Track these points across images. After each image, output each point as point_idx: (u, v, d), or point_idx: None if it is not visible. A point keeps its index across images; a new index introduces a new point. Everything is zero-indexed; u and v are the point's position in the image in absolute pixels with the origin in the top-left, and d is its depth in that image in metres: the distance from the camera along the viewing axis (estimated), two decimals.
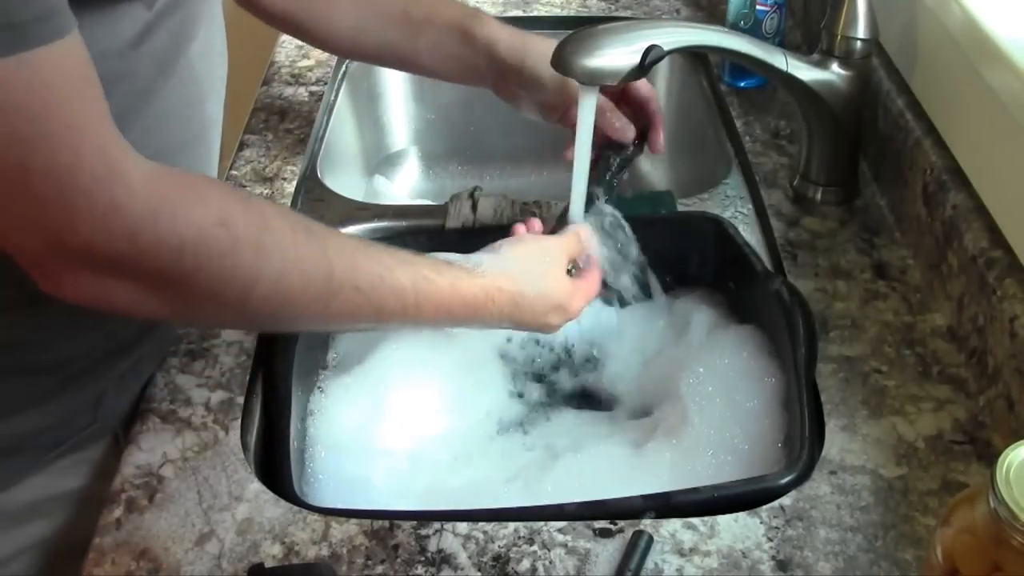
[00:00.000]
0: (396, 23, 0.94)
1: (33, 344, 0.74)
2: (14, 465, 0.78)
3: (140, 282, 0.61)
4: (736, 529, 0.69)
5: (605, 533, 0.70)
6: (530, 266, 0.80)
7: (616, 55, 0.81)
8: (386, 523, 0.71)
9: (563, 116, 0.94)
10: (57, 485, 0.81)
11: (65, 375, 0.77)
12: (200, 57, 0.77)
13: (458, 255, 0.78)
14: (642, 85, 0.93)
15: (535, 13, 1.37)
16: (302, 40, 1.02)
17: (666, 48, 0.82)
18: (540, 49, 0.90)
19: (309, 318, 0.70)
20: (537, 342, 0.96)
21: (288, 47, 1.31)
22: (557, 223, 0.89)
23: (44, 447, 0.79)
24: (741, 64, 1.07)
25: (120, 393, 0.82)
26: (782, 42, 1.19)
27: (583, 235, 0.86)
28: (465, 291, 0.75)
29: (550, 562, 0.68)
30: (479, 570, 0.68)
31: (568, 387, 0.95)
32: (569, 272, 0.83)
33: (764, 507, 0.71)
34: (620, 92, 0.94)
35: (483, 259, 0.78)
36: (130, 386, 0.83)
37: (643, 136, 0.94)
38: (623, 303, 0.95)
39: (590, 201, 0.89)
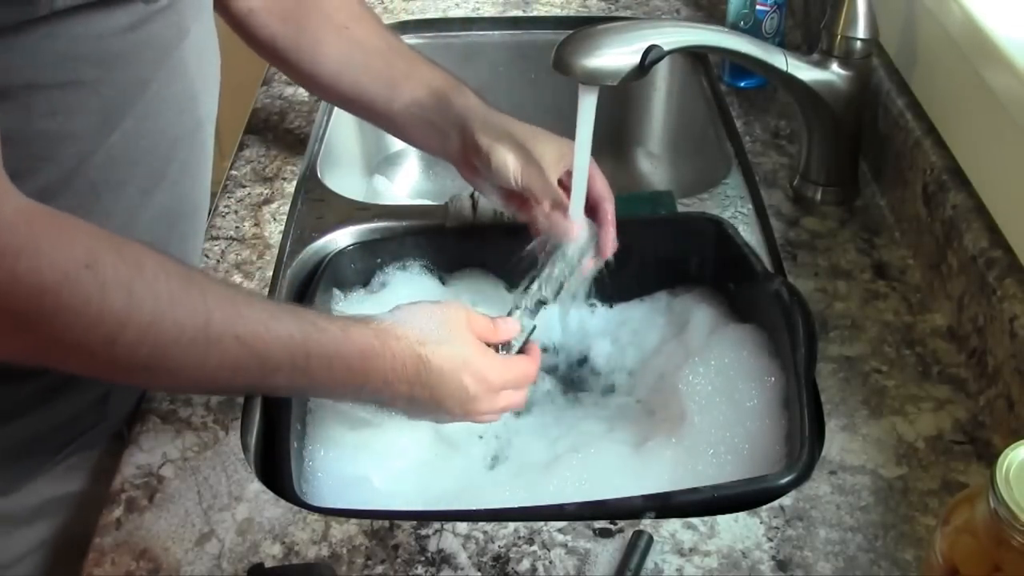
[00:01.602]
0: (377, 75, 0.94)
1: None
2: (22, 467, 0.78)
3: None
4: (736, 529, 0.69)
5: (605, 533, 0.70)
6: (433, 322, 0.74)
7: (616, 55, 0.81)
8: (386, 523, 0.71)
9: (521, 206, 0.90)
10: (64, 486, 0.81)
11: (68, 375, 0.77)
12: (194, 54, 0.77)
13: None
14: (597, 182, 0.89)
15: (535, 13, 1.37)
16: (285, 73, 1.01)
17: (666, 48, 0.82)
18: (515, 133, 0.88)
19: (186, 371, 0.65)
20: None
21: None
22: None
23: (51, 448, 0.79)
24: (741, 64, 1.07)
25: (126, 392, 0.82)
26: (782, 42, 1.19)
27: (503, 327, 0.80)
28: (357, 337, 0.70)
29: (550, 562, 0.68)
30: (479, 570, 0.68)
31: (568, 387, 0.95)
32: (497, 350, 0.79)
33: (764, 507, 0.71)
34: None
35: (378, 314, 0.75)
36: (135, 386, 0.82)
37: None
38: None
39: (541, 304, 0.86)
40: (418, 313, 0.75)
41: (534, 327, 0.84)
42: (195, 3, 0.76)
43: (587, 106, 0.82)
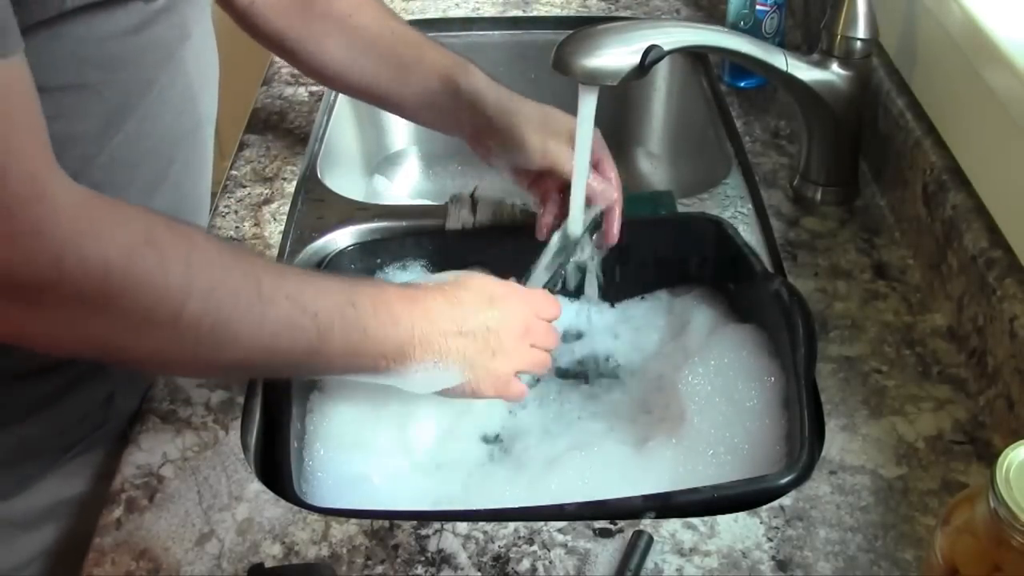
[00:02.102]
0: (386, 63, 0.94)
1: None
2: (26, 470, 0.78)
3: (65, 310, 0.60)
4: (736, 529, 0.69)
5: (605, 533, 0.70)
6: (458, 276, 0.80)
7: (616, 55, 0.81)
8: (386, 523, 0.71)
9: (533, 182, 0.93)
10: (69, 489, 0.81)
11: (74, 375, 0.77)
12: (194, 54, 0.77)
13: None
14: (605, 163, 0.91)
15: (535, 13, 1.37)
16: (293, 65, 1.01)
17: (666, 48, 0.82)
18: (528, 113, 0.89)
19: (248, 338, 0.67)
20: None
21: None
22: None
23: (56, 450, 0.79)
24: (741, 64, 1.07)
25: (129, 393, 0.82)
26: (782, 42, 1.19)
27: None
28: (397, 286, 0.76)
29: (550, 562, 0.68)
30: (479, 570, 0.68)
31: (568, 387, 0.95)
32: None
33: (764, 507, 0.71)
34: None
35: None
36: (139, 385, 0.82)
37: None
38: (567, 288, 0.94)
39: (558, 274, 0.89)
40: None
41: None
42: (196, 4, 0.77)
43: (587, 106, 0.82)
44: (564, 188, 0.88)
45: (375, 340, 0.72)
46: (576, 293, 0.95)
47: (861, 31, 0.94)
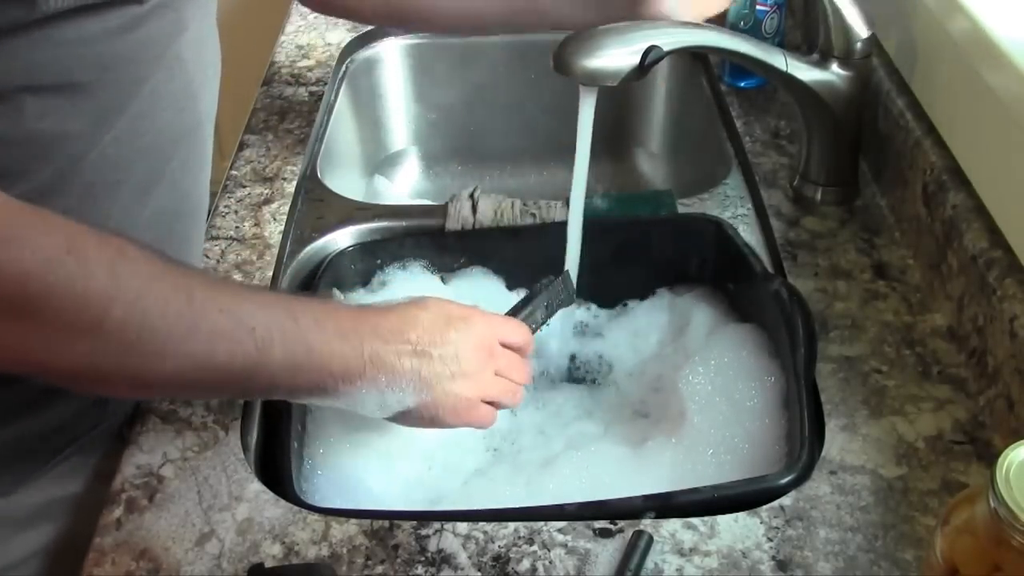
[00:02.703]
0: None
1: None
2: (22, 469, 0.78)
3: None
4: (736, 529, 0.69)
5: (605, 533, 0.70)
6: (438, 309, 0.75)
7: (616, 55, 0.81)
8: (386, 523, 0.71)
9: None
10: (64, 488, 0.81)
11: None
12: (192, 52, 0.77)
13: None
14: None
15: None
16: (401, 27, 1.00)
17: (666, 48, 0.82)
18: None
19: (179, 349, 0.63)
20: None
21: (288, 47, 1.31)
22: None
23: (51, 450, 0.79)
24: (741, 64, 1.07)
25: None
26: (782, 42, 1.19)
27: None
28: (347, 305, 0.72)
29: (550, 562, 0.68)
30: (479, 570, 0.68)
31: (568, 387, 0.95)
32: None
33: (764, 507, 0.71)
34: None
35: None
36: None
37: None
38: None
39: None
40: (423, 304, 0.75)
41: None
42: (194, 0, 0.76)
43: (587, 107, 0.82)
44: None
45: (320, 355, 0.68)
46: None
47: (861, 31, 0.94)
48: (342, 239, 1.00)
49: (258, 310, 0.66)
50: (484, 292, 0.97)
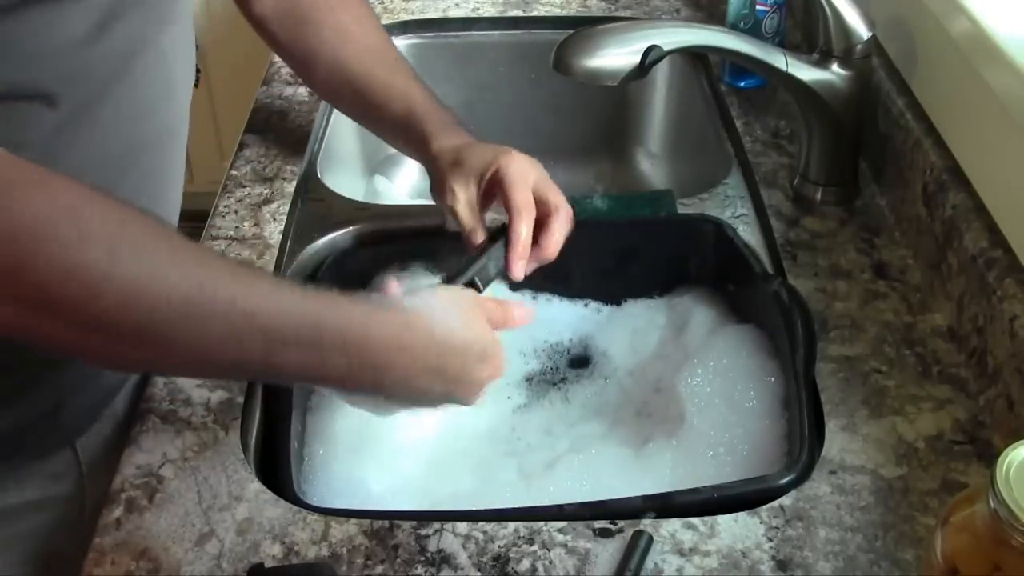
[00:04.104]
0: (357, 101, 0.93)
1: None
2: None
3: None
4: (736, 529, 0.69)
5: (605, 533, 0.70)
6: (450, 305, 0.70)
7: (616, 55, 0.81)
8: (386, 523, 0.71)
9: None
10: (17, 496, 0.79)
11: (20, 377, 0.75)
12: (160, 60, 0.75)
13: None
14: (547, 194, 0.82)
15: (535, 13, 1.37)
16: (289, 65, 1.01)
17: (666, 48, 0.82)
18: (474, 159, 0.83)
19: (183, 341, 0.59)
20: (536, 351, 0.96)
21: None
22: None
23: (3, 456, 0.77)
24: (741, 64, 1.07)
25: (79, 406, 0.80)
26: (782, 42, 1.19)
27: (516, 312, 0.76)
28: (381, 319, 0.65)
29: (550, 562, 0.68)
30: (479, 570, 0.68)
31: (568, 388, 0.95)
32: None
33: (764, 507, 0.71)
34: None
35: (388, 295, 0.70)
36: (90, 396, 0.81)
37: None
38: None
39: (471, 286, 0.79)
40: (437, 296, 0.71)
41: None
42: (158, 13, 0.74)
43: None
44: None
45: (339, 375, 0.65)
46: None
47: (861, 31, 0.94)
48: (342, 239, 1.00)
49: (278, 312, 0.61)
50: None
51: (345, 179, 1.19)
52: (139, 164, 0.76)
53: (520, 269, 0.80)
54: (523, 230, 0.79)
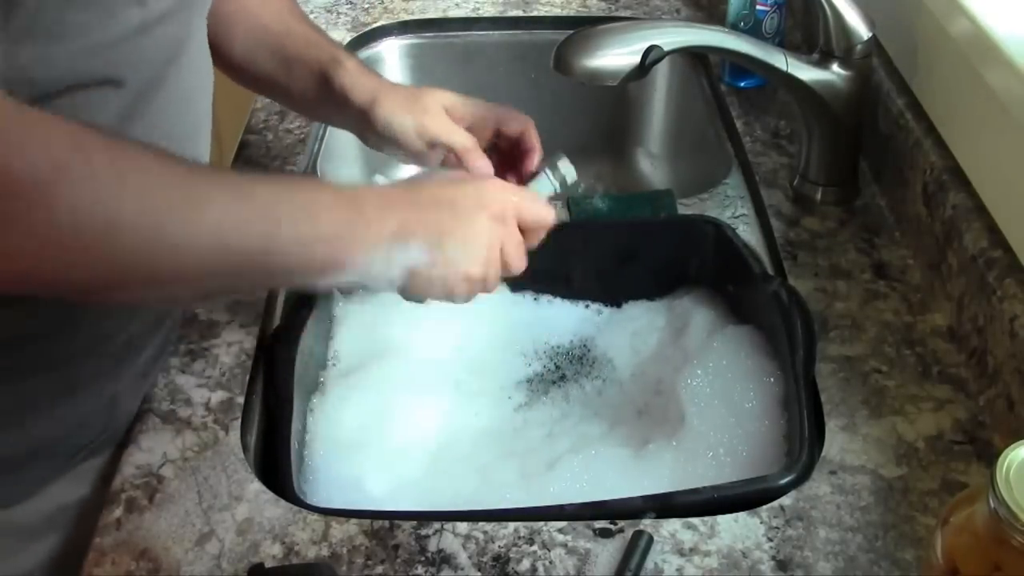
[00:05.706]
0: (275, 58, 0.93)
1: (36, 339, 0.73)
2: (30, 475, 0.77)
3: None
4: (736, 529, 0.69)
5: (605, 533, 0.70)
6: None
7: (616, 55, 0.81)
8: (386, 523, 0.71)
9: (423, 162, 0.93)
10: (72, 494, 0.80)
11: (75, 375, 0.76)
12: (200, 50, 0.77)
13: None
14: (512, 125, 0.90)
15: (535, 13, 1.37)
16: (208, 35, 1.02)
17: (666, 48, 0.82)
18: (394, 97, 0.89)
19: (188, 240, 0.63)
20: (535, 351, 0.96)
21: None
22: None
23: (60, 455, 0.78)
24: (741, 64, 1.07)
25: (133, 394, 0.81)
26: (782, 42, 1.19)
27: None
28: (355, 185, 0.73)
29: (550, 562, 0.68)
30: (479, 570, 0.68)
31: (568, 388, 0.95)
32: None
33: (764, 507, 0.71)
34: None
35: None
36: (140, 388, 0.82)
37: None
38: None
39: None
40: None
41: None
42: (198, 7, 0.76)
43: None
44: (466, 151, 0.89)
45: (330, 229, 0.68)
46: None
47: (861, 31, 0.94)
48: None
49: (261, 188, 0.67)
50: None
51: (345, 179, 1.19)
52: (186, 153, 0.77)
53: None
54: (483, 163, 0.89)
